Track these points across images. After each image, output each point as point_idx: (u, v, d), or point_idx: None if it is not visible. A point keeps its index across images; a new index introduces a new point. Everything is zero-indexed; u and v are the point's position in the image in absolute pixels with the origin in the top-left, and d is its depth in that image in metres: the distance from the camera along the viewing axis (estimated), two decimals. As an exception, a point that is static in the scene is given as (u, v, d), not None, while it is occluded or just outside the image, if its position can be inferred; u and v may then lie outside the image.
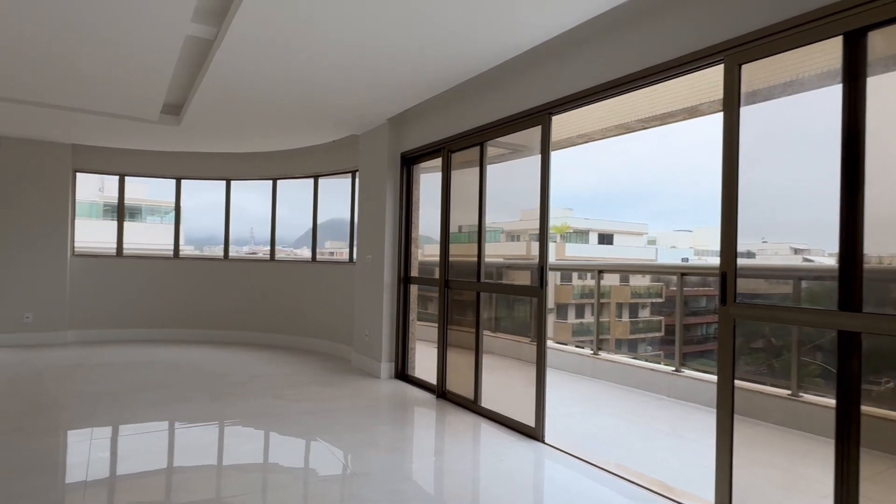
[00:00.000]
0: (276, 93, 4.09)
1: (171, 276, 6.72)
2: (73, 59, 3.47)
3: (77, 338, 6.31)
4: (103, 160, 6.53)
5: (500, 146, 3.80)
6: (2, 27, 2.99)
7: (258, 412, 3.66)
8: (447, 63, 3.42)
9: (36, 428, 3.21)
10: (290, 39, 3.07)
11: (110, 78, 3.82)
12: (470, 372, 3.82)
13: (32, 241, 6.05)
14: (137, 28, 2.94)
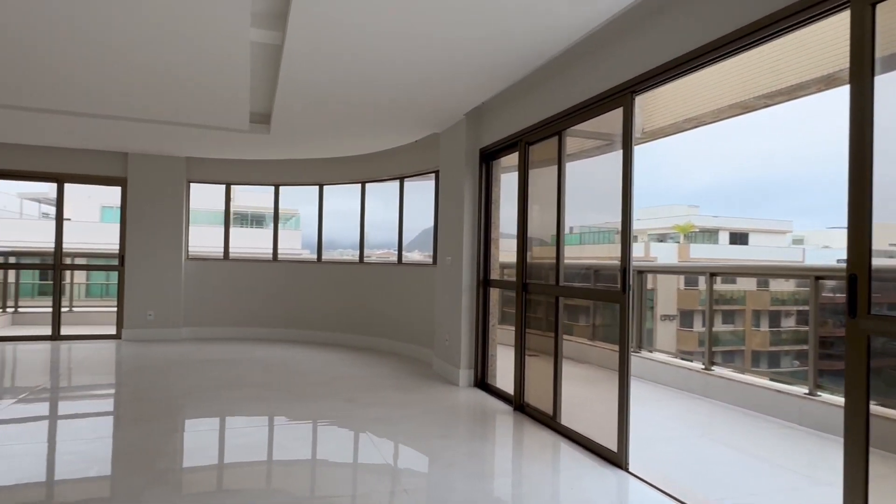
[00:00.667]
0: (350, 94, 4.13)
1: (271, 277, 7.17)
2: (164, 76, 3.77)
3: (190, 334, 6.97)
4: (212, 171, 7.15)
5: (595, 137, 3.44)
6: (121, 60, 3.32)
7: (325, 415, 3.68)
8: (522, 41, 3.14)
9: (117, 417, 3.51)
10: (353, 38, 3.04)
11: (196, 92, 4.10)
12: (550, 384, 3.52)
13: (154, 247, 6.79)
14: (204, 39, 3.08)
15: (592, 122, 3.19)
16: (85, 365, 5.30)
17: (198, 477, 2.69)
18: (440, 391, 4.39)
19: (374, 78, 3.74)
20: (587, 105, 3.11)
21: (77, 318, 8.15)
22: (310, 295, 7.04)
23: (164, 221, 6.83)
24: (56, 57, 3.46)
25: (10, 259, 10.89)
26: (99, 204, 20.30)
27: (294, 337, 7.02)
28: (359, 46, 3.18)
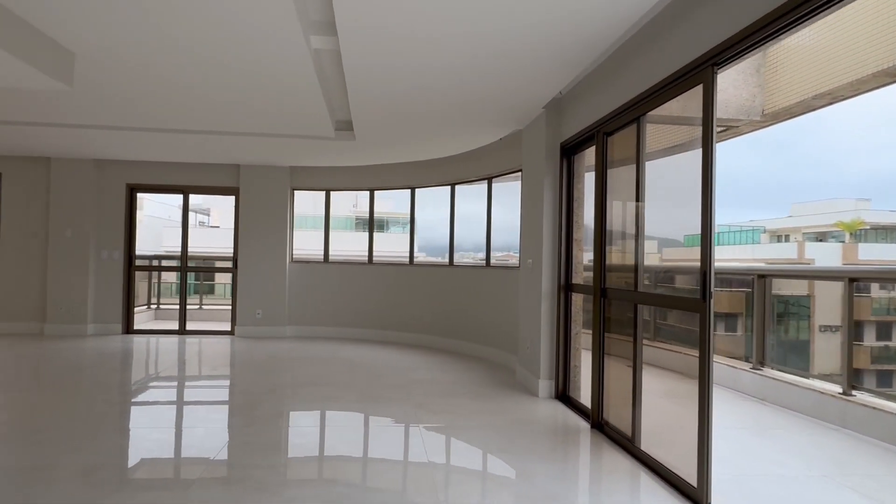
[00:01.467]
0: (422, 96, 4.11)
1: (366, 280, 7.45)
2: (251, 91, 4.06)
3: (293, 332, 7.49)
4: (313, 178, 7.62)
5: (682, 122, 3.04)
6: (219, 82, 3.66)
7: (388, 420, 3.68)
8: (593, 16, 2.87)
9: (189, 407, 3.81)
10: (408, 41, 3.00)
11: (282, 103, 4.35)
12: (630, 401, 3.17)
13: (262, 250, 7.40)
14: (267, 51, 3.24)
15: (676, 106, 2.81)
16: (192, 357, 5.92)
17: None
18: (517, 402, 4.19)
19: (440, 78, 3.69)
20: (664, 86, 2.74)
21: (206, 315, 9.20)
22: (402, 297, 7.19)
23: (270, 227, 7.41)
24: (176, 86, 3.88)
25: (162, 262, 12.65)
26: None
27: (386, 338, 7.22)
28: (415, 48, 3.14)
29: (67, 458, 2.84)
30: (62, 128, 5.37)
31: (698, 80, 2.46)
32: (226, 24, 2.91)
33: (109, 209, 7.23)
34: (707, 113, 2.40)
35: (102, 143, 6.11)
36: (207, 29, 2.97)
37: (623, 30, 2.99)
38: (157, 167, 7.31)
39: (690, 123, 2.69)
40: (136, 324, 7.63)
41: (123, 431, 3.35)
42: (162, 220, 22.99)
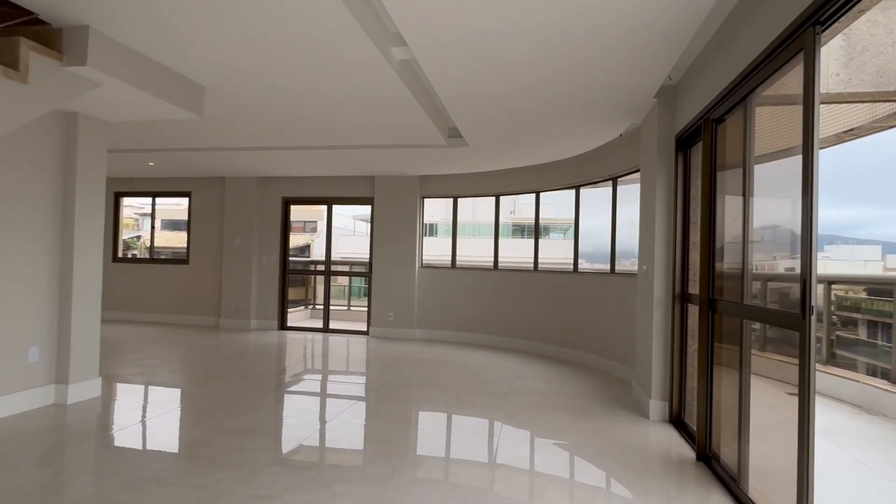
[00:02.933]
0: (512, 93, 4.04)
1: (490, 285, 7.51)
2: (357, 110, 4.41)
3: (421, 335, 7.84)
4: (441, 186, 7.93)
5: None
6: (335, 101, 4.11)
7: (467, 427, 3.65)
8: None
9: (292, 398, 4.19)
10: (481, 42, 3.00)
11: (391, 115, 4.63)
12: (737, 433, 2.71)
13: (394, 256, 7.91)
14: (355, 71, 3.48)
15: (795, 82, 2.36)
16: (321, 353, 6.54)
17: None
18: (620, 423, 3.85)
19: (529, 74, 3.59)
20: (765, 57, 2.32)
21: (353, 315, 10.11)
22: (525, 303, 7.09)
23: (401, 234, 7.89)
24: (316, 110, 4.42)
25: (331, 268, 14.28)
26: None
27: (507, 345, 7.17)
28: (492, 47, 3.11)
29: (229, 429, 3.38)
30: (233, 151, 6.39)
31: (797, 44, 2.04)
32: (318, 53, 3.21)
33: (268, 220, 8.38)
34: (808, 88, 1.97)
35: (263, 163, 7.13)
36: (302, 57, 3.31)
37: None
38: (306, 182, 8.28)
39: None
40: (293, 321, 8.71)
41: (275, 413, 3.87)
42: (339, 229, 26.07)
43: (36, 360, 3.75)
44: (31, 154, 3.69)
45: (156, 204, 9.12)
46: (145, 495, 2.48)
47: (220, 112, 4.65)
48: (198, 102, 3.90)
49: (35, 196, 3.72)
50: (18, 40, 2.78)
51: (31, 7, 2.81)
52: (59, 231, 3.92)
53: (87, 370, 4.05)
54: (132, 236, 19.43)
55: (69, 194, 3.91)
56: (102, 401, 4.04)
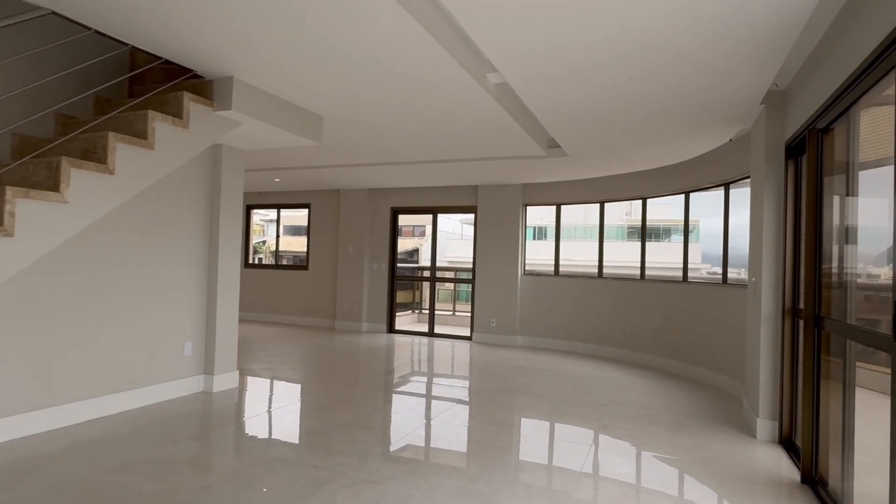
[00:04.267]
0: (611, 105, 4.15)
1: (595, 293, 7.52)
2: (458, 128, 4.77)
3: (524, 343, 8.04)
4: (543, 194, 8.09)
5: None
6: (447, 121, 4.56)
7: (558, 435, 3.81)
8: None
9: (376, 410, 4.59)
10: (570, 57, 3.21)
11: (492, 131, 4.95)
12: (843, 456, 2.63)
13: (496, 263, 8.20)
14: (454, 96, 3.82)
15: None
16: (425, 357, 6.99)
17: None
18: (723, 441, 3.79)
19: (623, 86, 3.70)
20: (870, 66, 2.27)
21: (457, 320, 10.57)
22: (631, 313, 7.02)
23: (504, 241, 8.16)
24: (419, 130, 4.92)
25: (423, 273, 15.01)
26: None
27: (612, 355, 7.14)
28: (582, 66, 3.30)
29: (343, 422, 3.94)
30: (346, 167, 7.12)
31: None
32: (419, 83, 3.62)
33: (378, 229, 9.10)
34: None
35: (373, 176, 7.82)
36: (405, 87, 3.73)
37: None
38: (413, 192, 8.87)
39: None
40: (400, 325, 9.35)
41: (383, 410, 4.38)
42: (446, 233, 27.05)
43: (189, 354, 4.57)
44: (187, 179, 4.51)
45: (280, 215, 10.28)
46: (274, 471, 3.01)
47: (335, 136, 5.28)
48: (317, 131, 4.51)
49: (189, 213, 4.55)
50: (182, 94, 3.50)
51: (191, 66, 3.52)
52: (207, 242, 4.73)
53: (227, 364, 4.84)
54: (258, 241, 21.71)
55: (214, 211, 4.71)
56: (239, 391, 4.79)
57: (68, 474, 2.88)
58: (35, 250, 2.72)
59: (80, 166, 2.88)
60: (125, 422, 3.77)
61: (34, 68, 3.58)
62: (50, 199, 2.76)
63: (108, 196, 3.06)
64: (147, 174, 3.26)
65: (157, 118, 3.30)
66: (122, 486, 2.76)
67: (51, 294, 3.49)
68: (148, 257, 4.18)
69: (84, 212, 2.93)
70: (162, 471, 2.97)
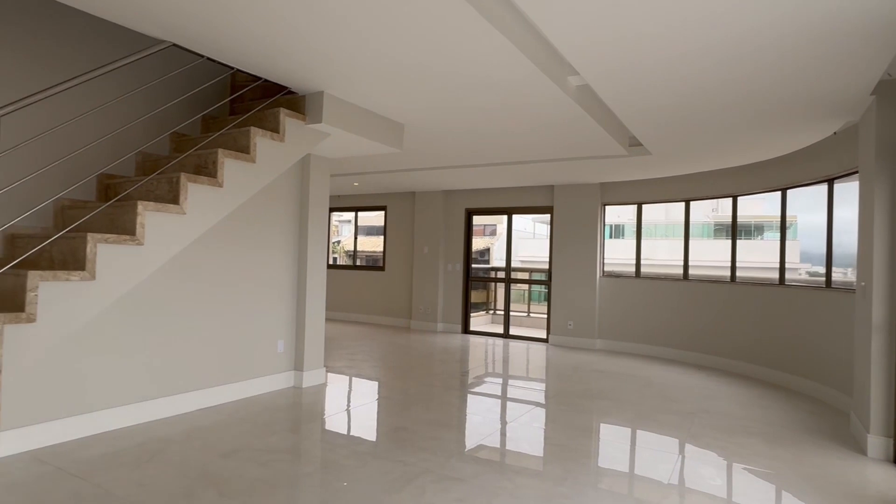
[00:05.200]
0: (702, 102, 4.08)
1: (680, 296, 7.32)
2: (537, 130, 4.85)
3: (603, 346, 7.96)
4: (624, 192, 7.96)
5: None
6: (526, 127, 4.69)
7: (642, 442, 3.79)
8: None
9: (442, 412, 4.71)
10: (654, 55, 3.21)
11: (567, 135, 4.99)
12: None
13: (574, 264, 8.16)
14: (536, 101, 3.90)
15: None
16: (502, 359, 7.09)
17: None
18: (826, 457, 3.64)
19: (714, 81, 3.64)
20: None
21: (532, 322, 10.61)
22: (721, 317, 6.79)
23: (581, 242, 8.12)
24: (496, 134, 5.09)
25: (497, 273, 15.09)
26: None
27: (700, 362, 6.93)
28: (669, 63, 3.29)
29: (424, 420, 4.18)
30: (422, 171, 7.39)
31: None
32: (498, 88, 3.74)
33: (452, 229, 9.31)
34: None
35: (448, 178, 8.03)
36: (484, 93, 3.87)
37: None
38: (487, 193, 9.01)
39: None
40: (475, 325, 9.53)
41: (461, 410, 4.58)
42: (518, 231, 27.08)
43: (281, 351, 4.97)
44: (279, 187, 4.90)
45: (358, 217, 10.76)
46: (365, 464, 3.25)
47: (413, 142, 5.51)
48: (398, 138, 4.75)
49: (282, 218, 4.94)
50: (279, 110, 3.84)
51: (286, 83, 3.85)
52: (296, 246, 5.11)
53: (315, 361, 5.20)
54: (334, 241, 22.70)
55: (304, 216, 5.08)
56: (326, 387, 5.14)
57: (187, 457, 3.27)
58: (160, 257, 3.12)
59: (194, 181, 3.25)
60: (229, 412, 4.18)
61: (151, 94, 4.05)
62: (171, 212, 3.15)
63: (219, 207, 3.43)
64: (250, 185, 3.61)
65: (257, 133, 3.64)
66: (233, 470, 3.10)
67: (163, 295, 3.96)
68: (246, 261, 4.59)
69: (199, 222, 3.31)
70: (266, 458, 3.30)
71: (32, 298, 2.59)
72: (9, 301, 2.67)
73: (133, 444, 3.45)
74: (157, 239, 3.10)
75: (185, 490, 2.84)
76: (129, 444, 3.45)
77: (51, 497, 2.72)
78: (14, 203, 3.23)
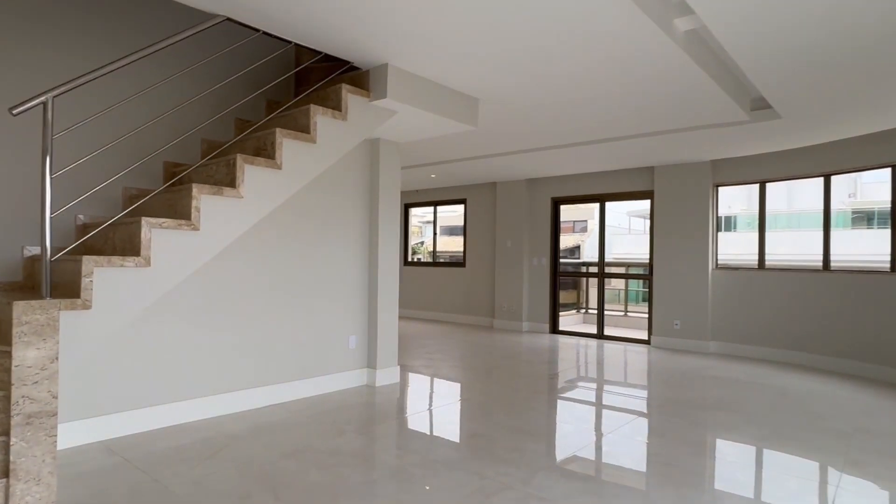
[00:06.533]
0: (854, 39, 3.43)
1: (819, 292, 6.41)
2: (634, 96, 4.36)
3: (717, 349, 7.18)
4: (741, 170, 7.12)
5: None
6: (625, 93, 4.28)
7: (790, 469, 3.19)
8: None
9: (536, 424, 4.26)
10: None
11: (673, 98, 4.45)
12: None
13: (679, 255, 7.44)
14: (630, 49, 3.44)
15: None
16: (602, 362, 6.55)
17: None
18: None
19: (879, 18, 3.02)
20: None
21: (630, 322, 9.91)
22: (875, 315, 5.84)
23: (688, 230, 7.38)
24: (586, 104, 4.69)
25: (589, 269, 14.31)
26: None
27: (844, 369, 6.02)
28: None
29: (506, 426, 3.88)
30: (503, 156, 7.04)
31: None
32: (587, 41, 3.33)
33: (538, 221, 8.87)
34: None
35: (532, 164, 7.63)
36: (570, 54, 3.47)
37: None
38: (576, 179, 8.48)
39: None
40: (564, 325, 9.03)
41: (549, 417, 4.23)
42: (612, 227, 25.84)
43: (353, 347, 4.84)
44: (347, 175, 4.78)
45: (437, 212, 10.60)
46: (437, 474, 2.98)
47: (491, 121, 5.19)
48: (472, 114, 4.46)
49: (351, 209, 4.82)
50: (340, 87, 3.68)
51: (347, 57, 3.68)
52: (367, 238, 4.97)
53: (389, 359, 5.03)
54: (417, 242, 22.93)
55: (374, 206, 4.93)
56: (400, 386, 4.95)
57: (250, 455, 3.17)
58: (217, 243, 3.04)
59: (252, 162, 3.15)
60: (297, 409, 4.09)
61: (212, 77, 4.05)
62: (228, 195, 3.06)
63: (277, 190, 3.31)
64: (310, 167, 3.48)
65: (318, 112, 3.50)
66: (294, 473, 2.94)
67: (232, 288, 3.94)
68: (314, 254, 4.51)
69: (256, 206, 3.21)
70: (329, 461, 3.12)
71: (87, 284, 2.57)
72: (68, 288, 2.68)
73: (198, 438, 3.42)
74: (213, 224, 3.02)
75: (241, 491, 2.72)
76: (195, 438, 3.42)
77: (111, 490, 2.70)
78: (82, 193, 3.31)
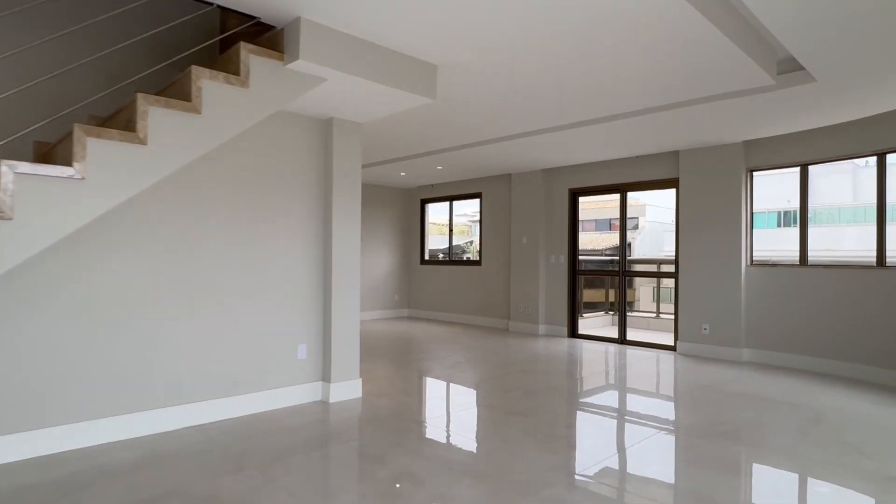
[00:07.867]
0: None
1: (873, 293, 5.15)
2: (637, 58, 3.40)
3: (751, 357, 5.97)
4: (779, 151, 5.91)
5: None
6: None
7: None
8: None
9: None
10: None
11: (684, 62, 3.45)
12: None
13: (708, 252, 6.26)
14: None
15: None
16: (622, 370, 5.52)
17: None
18: None
19: None
20: None
21: (662, 325, 8.70)
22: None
23: (718, 222, 6.21)
24: (584, 74, 3.79)
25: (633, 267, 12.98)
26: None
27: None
28: None
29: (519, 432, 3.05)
30: (512, 140, 6.11)
31: None
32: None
33: (555, 215, 7.86)
34: None
35: (546, 152, 6.65)
36: (561, 13, 2.59)
37: None
38: (595, 168, 7.42)
39: None
40: (586, 328, 7.99)
41: (568, 428, 3.36)
42: (663, 224, 23.95)
43: (304, 357, 4.11)
44: (295, 160, 4.06)
45: (453, 207, 9.76)
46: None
47: (474, 96, 4.34)
48: (429, 84, 3.61)
49: (299, 201, 4.08)
50: (238, 46, 2.94)
51: (251, 11, 2.94)
52: (321, 233, 4.22)
53: (346, 371, 4.25)
54: (466, 241, 22.04)
55: (328, 197, 4.18)
56: (362, 402, 4.17)
57: (102, 500, 2.48)
58: (44, 238, 2.39)
59: (99, 135, 2.46)
60: (214, 434, 3.37)
61: (107, 42, 3.41)
62: (61, 176, 2.39)
63: (141, 171, 2.61)
64: (193, 144, 2.76)
65: (202, 76, 2.77)
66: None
67: (141, 287, 3.28)
68: (251, 249, 3.81)
69: (103, 193, 2.51)
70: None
71: None
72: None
73: (61, 474, 2.74)
74: (31, 213, 2.35)
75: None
76: (58, 474, 2.73)
77: None
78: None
